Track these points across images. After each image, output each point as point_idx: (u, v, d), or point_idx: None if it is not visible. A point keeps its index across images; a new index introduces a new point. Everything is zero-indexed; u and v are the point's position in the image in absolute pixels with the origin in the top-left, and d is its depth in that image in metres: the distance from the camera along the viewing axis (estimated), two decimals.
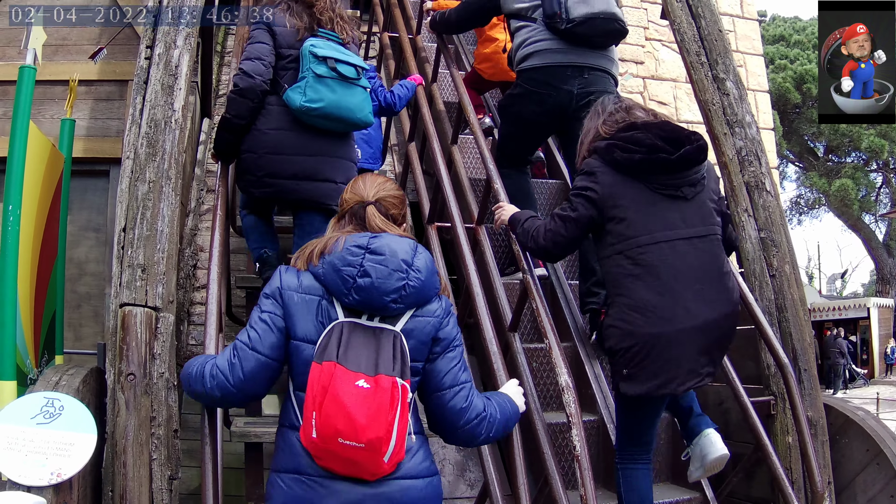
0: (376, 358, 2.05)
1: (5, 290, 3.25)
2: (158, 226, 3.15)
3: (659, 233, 2.83)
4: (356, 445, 1.97)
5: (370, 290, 2.08)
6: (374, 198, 2.31)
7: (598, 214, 2.89)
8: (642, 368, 2.80)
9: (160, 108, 3.35)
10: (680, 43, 4.41)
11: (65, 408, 2.78)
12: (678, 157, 2.82)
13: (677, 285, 2.80)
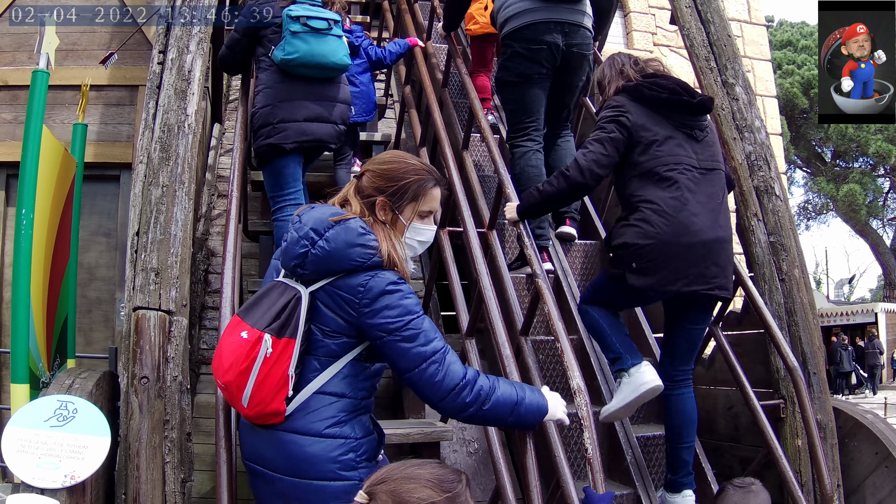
0: (267, 312, 2.18)
1: (19, 294, 3.28)
2: (172, 230, 3.17)
3: (683, 158, 3.24)
4: (222, 385, 2.22)
5: (284, 252, 2.27)
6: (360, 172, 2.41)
7: (629, 138, 3.25)
8: (655, 265, 3.12)
9: (173, 113, 3.38)
10: (689, 48, 4.43)
11: (78, 411, 2.79)
12: (697, 101, 3.30)
13: (695, 204, 3.17)
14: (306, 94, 4.10)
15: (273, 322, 2.15)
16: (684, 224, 3.13)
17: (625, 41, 9.97)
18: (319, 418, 2.20)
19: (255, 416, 2.19)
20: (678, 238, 3.12)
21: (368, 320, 2.17)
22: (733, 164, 4.19)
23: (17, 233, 3.32)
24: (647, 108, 3.28)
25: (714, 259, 3.18)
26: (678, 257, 3.12)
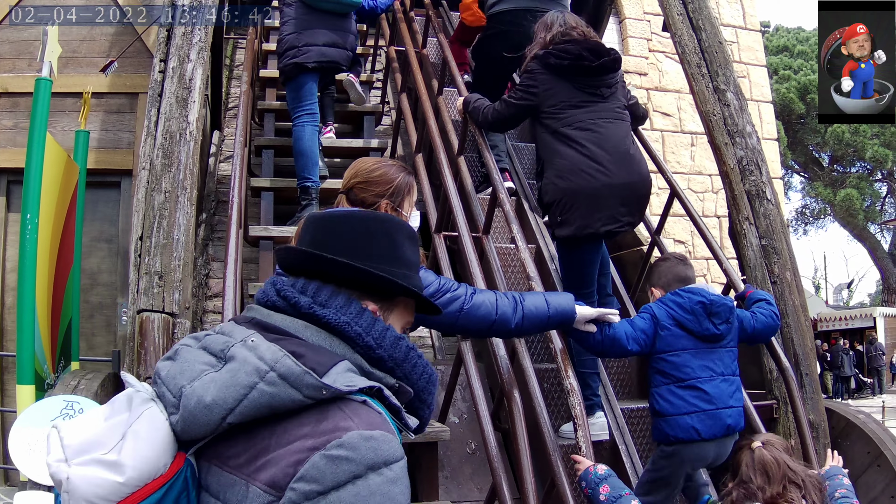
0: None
1: (24, 298, 3.35)
2: (175, 234, 3.25)
3: (584, 116, 3.66)
4: None
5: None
6: (345, 188, 2.53)
7: (537, 104, 3.73)
8: (571, 214, 3.56)
9: (175, 121, 3.47)
10: (681, 55, 4.51)
11: (84, 411, 2.85)
12: (598, 64, 3.70)
13: (599, 153, 3.59)
14: (325, 25, 4.95)
15: None
16: (590, 174, 3.56)
17: (620, 47, 10.05)
18: None
19: None
20: (585, 187, 3.56)
21: None
22: (725, 168, 4.27)
23: (23, 238, 3.39)
24: (553, 74, 3.72)
25: (622, 201, 3.60)
26: (589, 204, 3.56)
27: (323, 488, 1.05)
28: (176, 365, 1.21)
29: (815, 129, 16.45)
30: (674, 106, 10.18)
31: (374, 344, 1.27)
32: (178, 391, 1.16)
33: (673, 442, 3.03)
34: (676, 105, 10.12)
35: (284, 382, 1.13)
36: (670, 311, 3.11)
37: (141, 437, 1.13)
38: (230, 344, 1.20)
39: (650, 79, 10.21)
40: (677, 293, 3.16)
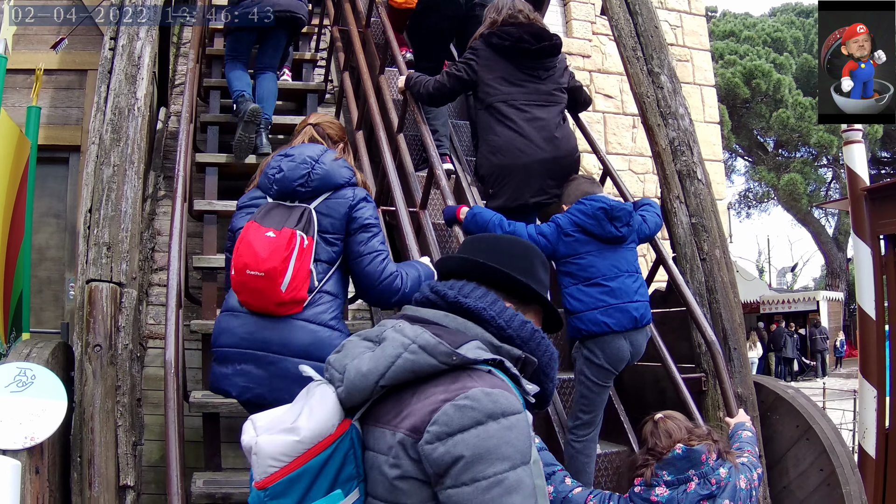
0: (286, 221, 2.71)
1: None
2: (123, 207, 3.35)
3: (519, 95, 3.95)
4: (258, 274, 2.62)
5: (282, 180, 2.80)
6: (315, 121, 3.09)
7: (476, 78, 3.99)
8: (503, 187, 3.87)
9: (124, 97, 3.56)
10: (617, 38, 4.70)
11: (36, 377, 2.96)
12: (537, 48, 3.99)
13: (530, 130, 3.88)
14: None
15: (297, 224, 2.70)
16: (521, 150, 3.87)
17: (564, 29, 10.23)
18: (326, 311, 2.74)
19: (284, 302, 2.64)
20: (515, 160, 3.86)
21: (356, 213, 2.81)
22: (657, 149, 4.47)
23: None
24: (495, 52, 4.00)
25: (550, 175, 3.90)
26: (519, 177, 3.86)
27: (451, 430, 1.37)
28: (342, 353, 1.57)
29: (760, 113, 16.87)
30: (616, 88, 10.41)
31: (505, 325, 1.59)
32: (343, 368, 1.52)
33: (586, 336, 3.37)
34: (619, 87, 10.34)
35: (423, 351, 1.45)
36: (574, 217, 3.46)
37: (314, 407, 1.48)
38: (383, 330, 1.54)
39: (593, 61, 10.43)
40: (580, 202, 3.52)
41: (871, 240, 5.50)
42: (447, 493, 1.37)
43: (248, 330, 2.71)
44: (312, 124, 3.06)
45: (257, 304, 2.69)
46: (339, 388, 1.51)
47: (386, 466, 1.43)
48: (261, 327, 2.69)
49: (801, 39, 19.11)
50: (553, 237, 3.45)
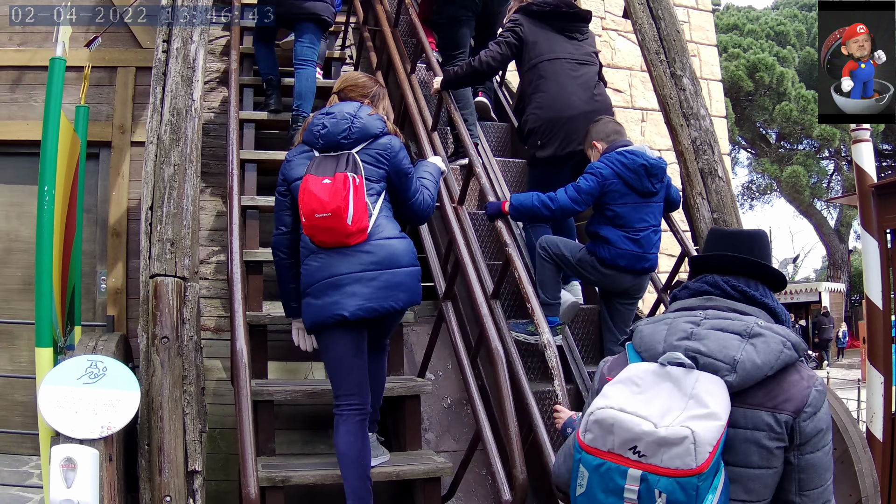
0: (336, 167, 3.22)
1: (42, 266, 3.63)
2: (184, 204, 3.55)
3: (562, 55, 4.54)
4: (326, 215, 3.12)
5: (327, 134, 3.33)
6: (337, 89, 3.59)
7: (521, 44, 4.58)
8: (551, 138, 4.43)
9: (181, 98, 3.76)
10: (641, 42, 4.92)
11: (108, 369, 3.16)
12: (573, 12, 4.69)
13: (574, 86, 4.48)
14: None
15: (346, 168, 3.21)
16: (566, 103, 4.45)
17: None
18: (393, 228, 3.34)
19: (352, 233, 3.17)
20: (562, 114, 4.44)
21: (396, 163, 3.38)
22: (680, 148, 4.71)
23: (40, 208, 3.66)
24: (535, 20, 4.61)
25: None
26: (565, 128, 4.43)
27: (816, 410, 1.83)
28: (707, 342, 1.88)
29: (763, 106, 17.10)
30: (625, 83, 10.60)
31: (785, 318, 2.04)
32: (731, 360, 1.83)
33: (607, 264, 4.03)
34: (628, 82, 10.54)
35: (793, 348, 1.87)
36: (616, 169, 4.00)
37: (714, 392, 1.77)
38: (748, 326, 1.89)
39: (603, 56, 10.54)
40: (622, 154, 4.07)
41: (878, 233, 5.72)
42: (806, 457, 1.83)
43: (342, 262, 3.22)
44: (336, 93, 3.57)
45: (331, 241, 3.20)
46: (727, 376, 1.82)
47: (766, 440, 1.81)
48: (351, 258, 3.22)
49: (803, 33, 19.33)
50: (596, 189, 3.98)
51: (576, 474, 1.80)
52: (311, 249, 3.29)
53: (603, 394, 1.83)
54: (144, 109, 6.61)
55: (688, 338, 1.91)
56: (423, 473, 3.60)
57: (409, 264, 3.31)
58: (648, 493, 1.69)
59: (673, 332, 1.94)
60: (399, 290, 3.25)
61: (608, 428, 1.74)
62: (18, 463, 6.29)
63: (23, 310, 6.47)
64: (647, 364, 1.88)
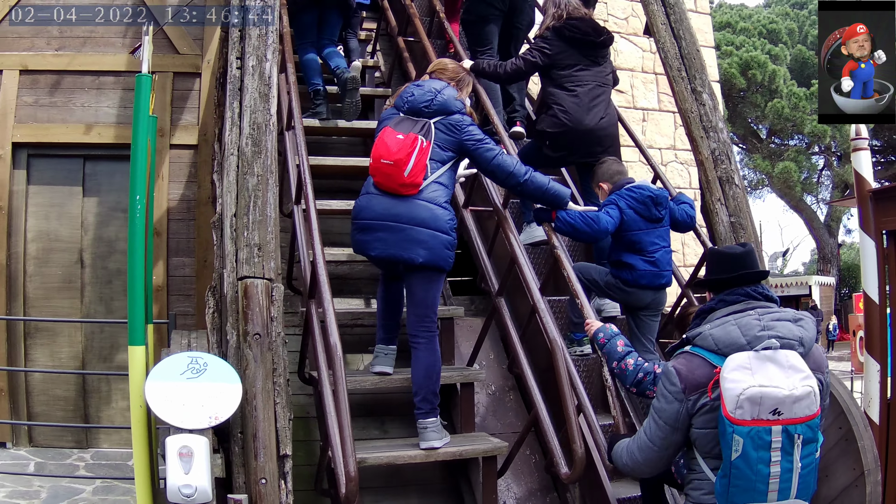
0: (411, 129, 3.97)
1: (135, 269, 4.02)
2: (268, 211, 4.01)
3: (585, 76, 5.21)
4: (389, 162, 3.89)
5: (413, 101, 4.12)
6: (430, 69, 4.45)
7: (548, 63, 5.24)
8: (558, 143, 5.16)
9: (260, 113, 4.20)
10: (663, 59, 5.50)
11: (208, 364, 3.54)
12: (600, 41, 5.31)
13: (588, 104, 5.15)
14: None
15: (420, 131, 3.96)
16: (579, 118, 5.11)
17: None
18: (440, 196, 4.02)
19: (406, 184, 3.90)
20: (576, 127, 5.11)
21: (465, 137, 4.08)
22: (700, 157, 5.29)
23: (132, 216, 4.05)
24: (565, 42, 5.22)
25: (598, 141, 5.20)
26: (575, 140, 5.14)
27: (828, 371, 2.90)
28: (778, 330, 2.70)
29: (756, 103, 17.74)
30: (627, 84, 11.14)
31: None
32: (798, 338, 2.69)
33: (630, 284, 4.66)
34: (630, 83, 11.10)
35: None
36: (628, 202, 4.63)
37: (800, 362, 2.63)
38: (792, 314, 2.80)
39: None
40: (630, 189, 4.70)
41: (875, 234, 6.31)
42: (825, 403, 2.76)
43: (384, 207, 3.97)
44: (429, 72, 4.42)
45: (387, 185, 3.95)
46: (798, 349, 2.67)
47: None
48: (393, 205, 3.95)
49: (795, 31, 20.03)
50: (618, 220, 4.58)
51: (730, 443, 2.54)
52: (368, 188, 4.10)
53: (732, 379, 2.56)
54: (183, 113, 7.14)
55: (764, 329, 2.68)
56: (482, 452, 4.12)
57: (436, 228, 3.95)
58: (789, 438, 2.52)
59: (747, 328, 2.70)
60: (420, 247, 3.91)
61: (757, 401, 2.51)
62: (62, 456, 6.77)
63: (63, 307, 6.97)
64: (744, 353, 2.61)
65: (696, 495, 2.83)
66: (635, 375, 3.60)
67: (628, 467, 3.06)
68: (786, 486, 2.57)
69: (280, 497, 3.55)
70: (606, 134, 5.28)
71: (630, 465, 3.00)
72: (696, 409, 2.74)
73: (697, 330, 2.84)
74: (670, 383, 2.78)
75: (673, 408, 2.77)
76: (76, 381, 7.02)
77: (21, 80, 6.95)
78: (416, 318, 4.05)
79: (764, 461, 2.53)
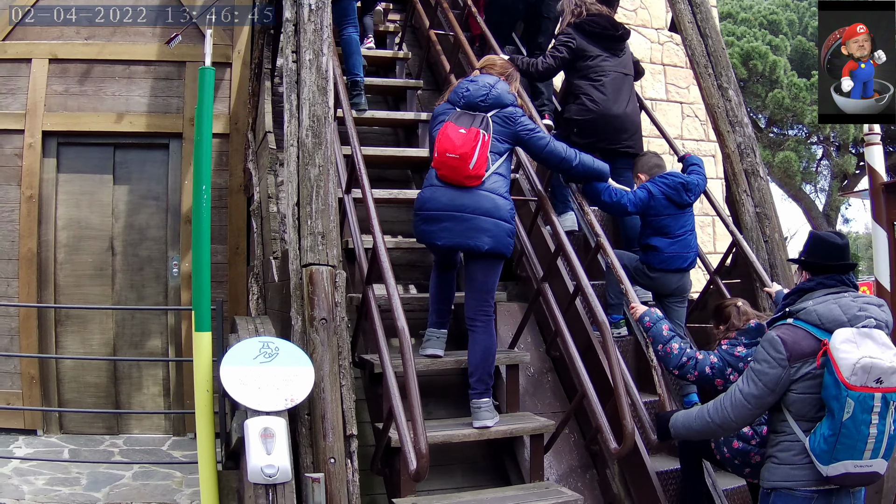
0: (471, 123, 4.25)
1: (201, 258, 4.26)
2: (329, 201, 4.25)
3: (607, 68, 5.57)
4: (454, 156, 4.16)
5: (469, 96, 4.39)
6: (480, 65, 4.74)
7: (573, 57, 5.59)
8: (587, 132, 5.49)
9: (319, 106, 4.42)
10: (690, 56, 5.84)
11: (280, 349, 3.75)
12: (619, 34, 5.70)
13: (610, 93, 5.51)
14: None
15: (480, 125, 4.26)
16: (606, 107, 5.47)
17: None
18: (501, 186, 4.31)
19: (471, 176, 4.19)
20: (601, 115, 5.47)
21: (519, 128, 4.40)
22: (727, 151, 5.63)
23: (198, 205, 4.28)
24: (586, 37, 5.58)
25: (623, 128, 5.57)
26: (601, 127, 5.49)
27: None
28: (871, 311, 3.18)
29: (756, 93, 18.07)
30: None
31: None
32: (886, 321, 3.17)
33: (657, 269, 5.07)
34: None
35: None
36: (661, 188, 5.04)
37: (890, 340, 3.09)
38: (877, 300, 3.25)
39: None
40: (664, 177, 5.12)
41: (887, 225, 6.65)
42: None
43: (449, 198, 4.24)
44: (479, 69, 4.71)
45: (452, 177, 4.23)
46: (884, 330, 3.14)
47: None
48: (457, 196, 4.23)
49: (795, 22, 20.41)
50: (646, 199, 5.00)
51: (843, 406, 3.00)
52: (432, 181, 4.36)
53: (844, 350, 3.02)
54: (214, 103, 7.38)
55: (861, 310, 3.16)
56: (531, 430, 4.42)
57: (499, 217, 4.25)
58: (885, 404, 2.99)
59: (847, 308, 3.17)
60: (484, 235, 4.20)
61: (868, 370, 2.96)
62: (94, 442, 7.06)
63: (93, 294, 7.24)
64: (848, 329, 3.09)
65: (784, 456, 3.24)
66: (679, 359, 4.00)
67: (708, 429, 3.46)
68: (878, 447, 3.03)
69: (347, 475, 3.77)
70: (632, 121, 5.66)
71: (715, 422, 3.38)
72: (800, 376, 3.16)
73: (801, 305, 3.28)
74: (775, 350, 3.18)
75: (776, 372, 3.17)
76: (107, 367, 7.30)
77: (51, 68, 7.20)
78: (475, 303, 4.35)
79: (866, 423, 2.99)
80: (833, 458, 3.05)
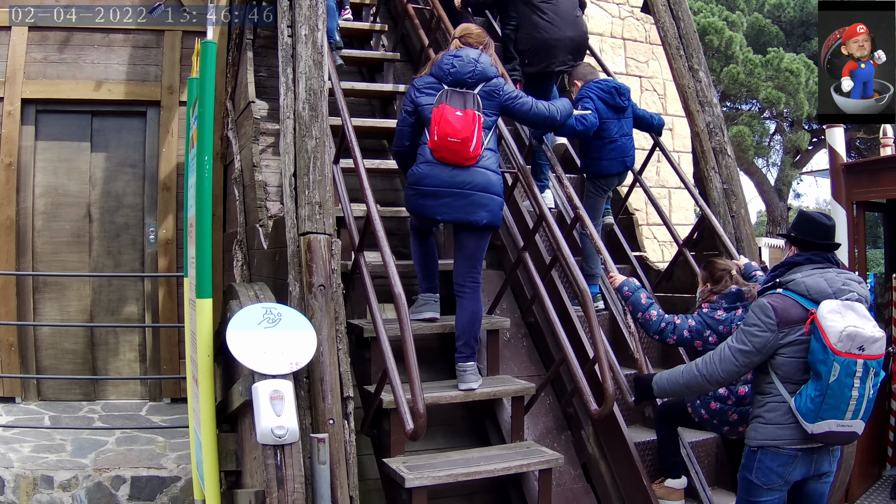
0: (465, 103, 4.44)
1: (203, 226, 4.31)
2: (325, 171, 4.46)
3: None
4: (456, 140, 4.37)
5: (456, 73, 4.55)
6: (458, 34, 4.83)
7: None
8: (535, 58, 6.01)
9: (315, 80, 4.63)
10: (663, 38, 6.16)
11: (282, 314, 3.86)
12: None
13: (556, 18, 5.94)
14: None
15: (473, 106, 4.45)
16: (553, 31, 5.91)
17: None
18: (493, 162, 4.59)
19: (470, 157, 4.43)
20: (546, 40, 5.91)
21: (504, 97, 4.64)
22: (696, 129, 5.99)
23: (201, 175, 4.38)
24: None
25: (570, 50, 6.02)
26: (548, 51, 5.96)
27: None
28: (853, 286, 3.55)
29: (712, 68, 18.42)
30: (597, 47, 11.73)
31: None
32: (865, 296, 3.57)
33: (596, 175, 5.64)
34: (599, 47, 11.69)
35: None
36: (597, 93, 5.49)
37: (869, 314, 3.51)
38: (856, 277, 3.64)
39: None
40: (598, 82, 5.60)
41: (846, 204, 7.06)
42: None
43: (448, 175, 4.47)
44: (458, 37, 4.82)
45: (451, 159, 4.45)
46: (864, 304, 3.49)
47: None
48: (457, 173, 4.47)
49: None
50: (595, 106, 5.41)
51: (830, 370, 3.34)
52: (427, 157, 4.55)
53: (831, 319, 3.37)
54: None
55: (844, 285, 3.52)
56: (513, 392, 4.72)
57: (493, 192, 4.54)
58: (866, 369, 3.35)
59: (831, 282, 3.51)
60: (482, 210, 4.49)
61: (853, 338, 3.32)
62: (72, 409, 7.22)
63: (72, 261, 7.38)
64: (834, 300, 3.44)
65: (771, 417, 3.59)
66: (659, 325, 4.38)
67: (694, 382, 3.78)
68: (858, 408, 3.41)
69: (345, 436, 3.98)
70: (582, 42, 6.20)
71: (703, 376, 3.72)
72: (788, 342, 3.52)
73: (790, 277, 3.64)
74: (766, 316, 3.55)
75: (765, 336, 3.52)
76: (84, 334, 7.46)
77: (30, 36, 7.27)
78: (465, 270, 4.62)
79: (849, 386, 3.35)
80: (819, 417, 3.42)
